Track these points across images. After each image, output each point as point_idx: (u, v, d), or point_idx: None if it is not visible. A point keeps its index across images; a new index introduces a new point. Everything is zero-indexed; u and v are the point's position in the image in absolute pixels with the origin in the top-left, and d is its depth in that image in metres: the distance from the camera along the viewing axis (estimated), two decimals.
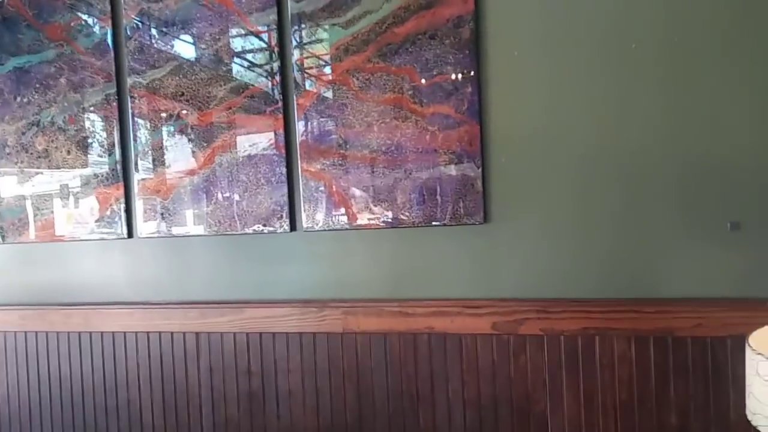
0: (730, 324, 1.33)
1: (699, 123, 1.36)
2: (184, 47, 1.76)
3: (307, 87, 1.63)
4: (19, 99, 1.94)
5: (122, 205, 1.84)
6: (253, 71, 1.69)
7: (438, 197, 1.53)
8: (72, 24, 1.86)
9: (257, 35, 1.68)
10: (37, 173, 1.94)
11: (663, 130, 1.39)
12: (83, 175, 1.88)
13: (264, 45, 1.67)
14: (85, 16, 1.85)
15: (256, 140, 1.69)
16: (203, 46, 1.73)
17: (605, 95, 1.42)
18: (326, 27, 1.60)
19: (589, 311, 1.42)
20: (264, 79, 1.67)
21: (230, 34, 1.71)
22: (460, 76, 1.49)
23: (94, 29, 1.84)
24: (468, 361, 1.52)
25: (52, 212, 1.93)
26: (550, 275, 1.48)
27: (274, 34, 1.65)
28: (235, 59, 1.71)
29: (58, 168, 1.91)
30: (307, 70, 1.64)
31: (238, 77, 1.70)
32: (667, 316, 1.37)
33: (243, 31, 1.69)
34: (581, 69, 1.43)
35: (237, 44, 1.70)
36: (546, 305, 1.45)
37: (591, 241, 1.45)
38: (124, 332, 1.82)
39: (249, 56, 1.70)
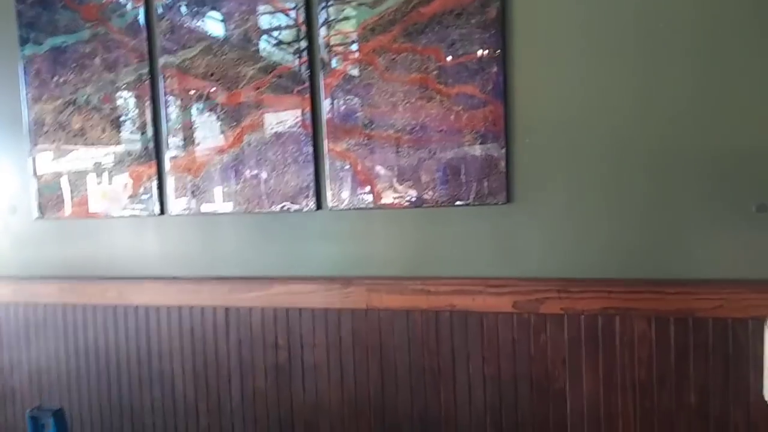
0: (751, 306, 1.33)
1: (726, 106, 1.35)
2: (214, 27, 1.79)
3: (334, 67, 1.66)
4: (56, 79, 2.00)
5: (155, 183, 1.90)
6: (281, 51, 1.72)
7: (462, 177, 1.55)
8: (106, 4, 1.91)
9: (285, 14, 1.70)
10: (72, 151, 2.01)
11: (690, 113, 1.38)
12: (117, 153, 1.94)
13: (291, 25, 1.70)
14: None
15: (284, 119, 1.72)
16: (232, 26, 1.76)
17: (633, 77, 1.41)
18: (353, 6, 1.62)
19: (609, 291, 1.43)
20: (291, 58, 1.70)
21: (258, 14, 1.73)
22: (485, 55, 1.50)
23: (127, 9, 1.89)
24: (489, 339, 1.55)
25: (87, 189, 2.00)
26: (571, 255, 1.49)
27: (302, 14, 1.68)
28: (264, 39, 1.74)
29: (94, 146, 1.98)
30: (333, 50, 1.66)
31: (267, 57, 1.73)
32: (688, 297, 1.38)
33: (271, 11, 1.72)
34: (609, 50, 1.43)
35: (265, 24, 1.73)
36: (566, 285, 1.47)
37: (612, 223, 1.45)
38: (157, 306, 1.89)
39: (276, 36, 1.72)
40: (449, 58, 1.53)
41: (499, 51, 1.49)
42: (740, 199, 1.36)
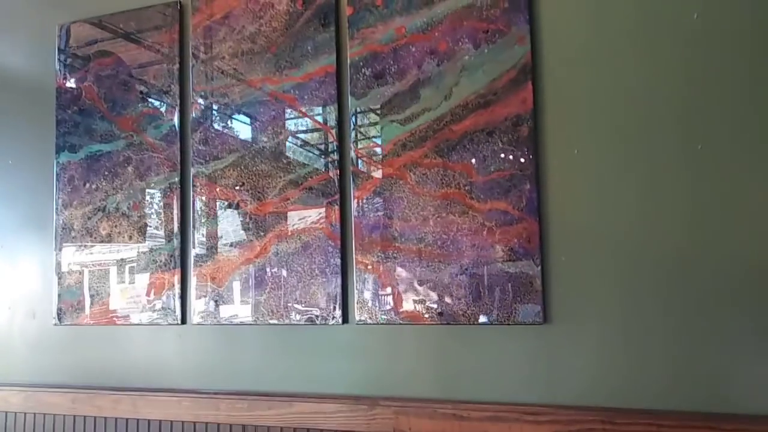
0: None
1: None
2: (246, 139, 1.81)
3: (364, 180, 1.65)
4: (88, 185, 2.03)
5: (177, 291, 1.86)
6: (312, 162, 1.72)
7: (495, 294, 1.49)
8: (142, 116, 1.96)
9: (317, 127, 1.72)
10: (96, 257, 1.99)
11: (734, 230, 1.32)
12: (141, 260, 1.93)
13: (323, 139, 1.71)
14: (155, 108, 1.95)
15: (312, 231, 1.70)
16: (264, 138, 1.78)
17: (669, 194, 1.38)
18: (385, 122, 1.63)
19: (659, 425, 1.32)
20: (322, 170, 1.70)
21: (290, 126, 1.76)
22: (518, 172, 1.48)
23: (163, 121, 1.93)
24: None
25: (108, 296, 1.96)
26: (614, 382, 1.39)
27: (334, 130, 1.70)
28: (295, 151, 1.75)
29: (119, 252, 1.96)
30: (364, 163, 1.66)
31: (297, 168, 1.73)
32: None
33: (303, 126, 1.74)
34: (643, 167, 1.40)
35: (297, 135, 1.75)
36: (611, 415, 1.36)
37: (659, 346, 1.36)
38: (171, 421, 1.80)
39: (308, 149, 1.74)
40: (481, 175, 1.51)
41: (531, 168, 1.47)
42: None
